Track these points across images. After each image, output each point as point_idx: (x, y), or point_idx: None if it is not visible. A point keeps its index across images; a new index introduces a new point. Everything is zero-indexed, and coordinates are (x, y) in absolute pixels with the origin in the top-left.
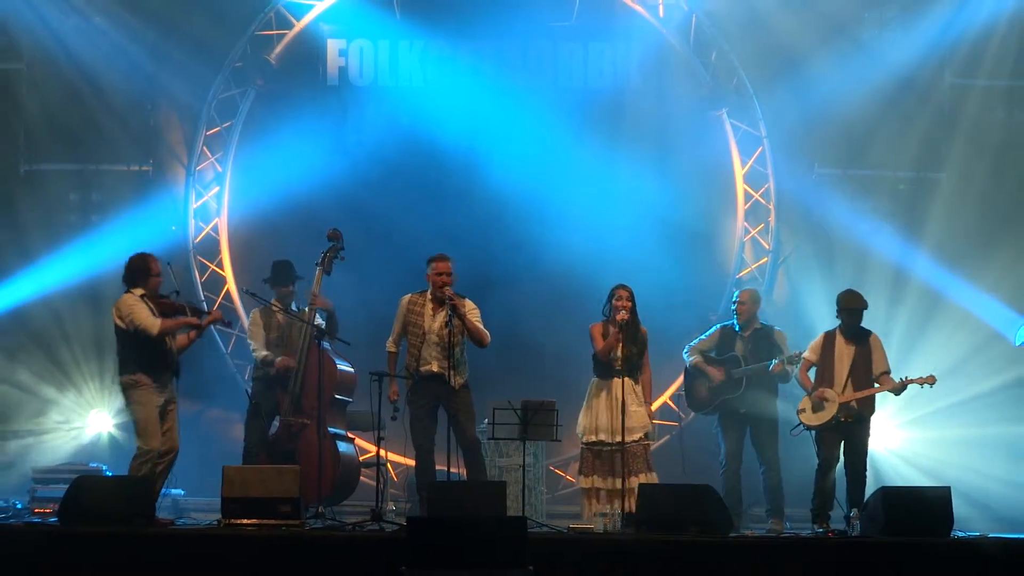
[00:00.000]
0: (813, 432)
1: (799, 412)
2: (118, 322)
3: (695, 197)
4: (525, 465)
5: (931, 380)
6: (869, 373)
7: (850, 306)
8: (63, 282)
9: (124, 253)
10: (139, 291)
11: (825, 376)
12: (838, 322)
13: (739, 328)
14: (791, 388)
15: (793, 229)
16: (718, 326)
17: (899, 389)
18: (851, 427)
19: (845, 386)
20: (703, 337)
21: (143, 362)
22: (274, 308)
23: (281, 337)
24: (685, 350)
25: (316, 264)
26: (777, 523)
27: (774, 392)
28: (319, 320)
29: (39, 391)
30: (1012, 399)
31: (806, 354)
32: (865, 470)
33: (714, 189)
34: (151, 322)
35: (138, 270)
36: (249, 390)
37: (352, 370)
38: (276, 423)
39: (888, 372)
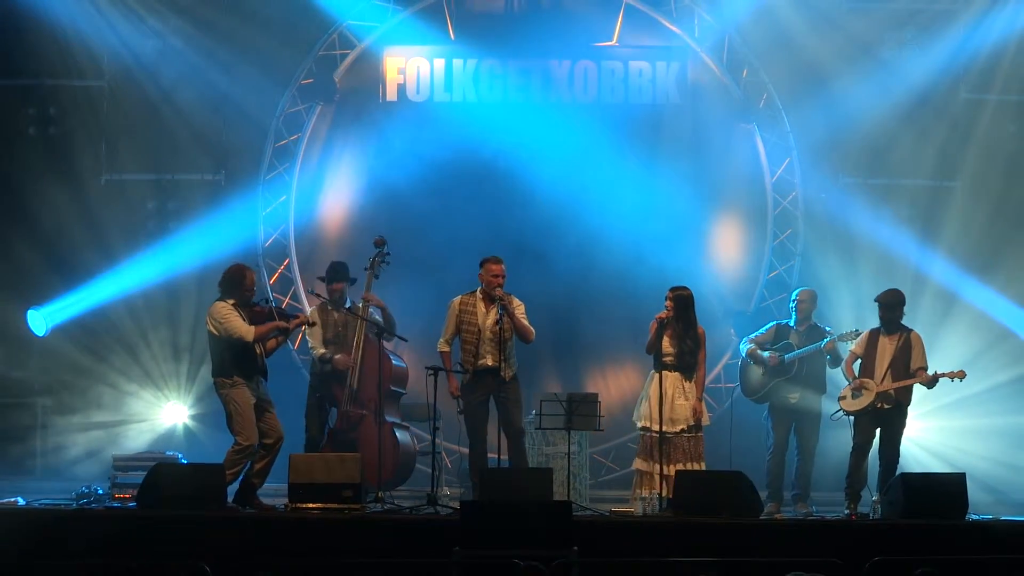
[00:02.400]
0: (851, 417)
1: (840, 399)
2: (212, 329)
3: (728, 204)
4: (570, 453)
5: (961, 375)
6: (907, 367)
7: (881, 301)
8: (142, 284)
9: (199, 257)
10: (231, 300)
11: (867, 369)
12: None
13: (793, 324)
14: (834, 388)
15: (819, 234)
16: (773, 323)
17: (931, 382)
18: (887, 415)
19: (884, 377)
20: (760, 332)
21: (237, 365)
22: (329, 307)
23: (338, 335)
24: (742, 341)
25: (365, 269)
26: (803, 506)
27: (821, 390)
28: (376, 317)
29: (120, 385)
30: (1022, 391)
31: (852, 347)
32: (897, 457)
33: (745, 196)
34: (246, 330)
35: (234, 281)
36: (308, 385)
37: (404, 364)
38: (334, 414)
39: (925, 368)
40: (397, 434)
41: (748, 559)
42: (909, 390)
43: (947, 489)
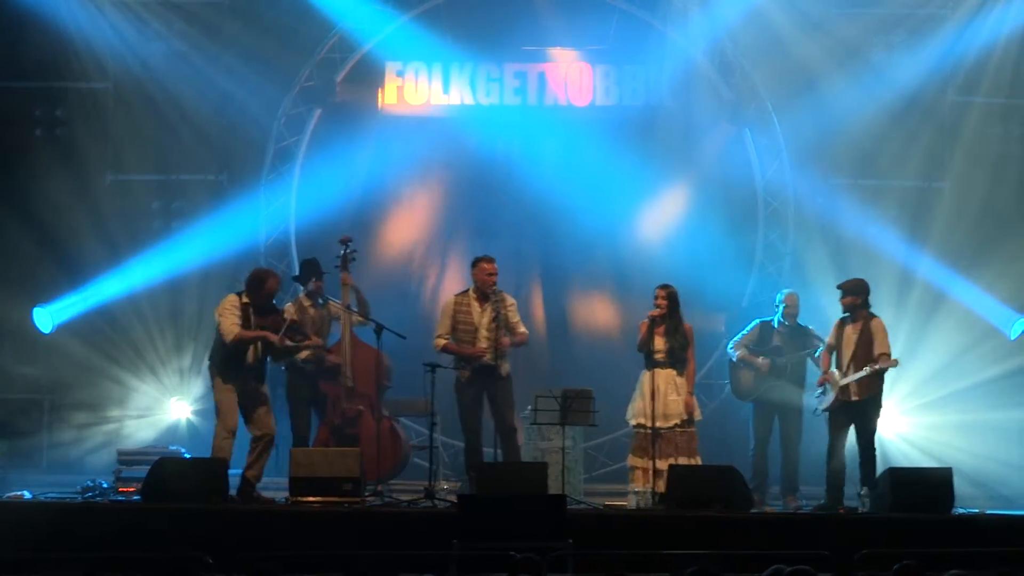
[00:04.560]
0: (826, 414)
1: (816, 396)
2: (216, 316)
3: (719, 204)
4: (564, 448)
5: (893, 363)
6: (870, 356)
7: (841, 288)
8: (147, 282)
9: (202, 256)
10: (245, 298)
11: (838, 360)
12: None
13: (777, 324)
14: (813, 380)
15: (808, 233)
16: (757, 322)
17: (875, 374)
18: (858, 407)
19: (848, 369)
20: (745, 332)
21: (224, 356)
22: (307, 304)
23: (318, 332)
24: (729, 346)
25: (336, 267)
26: (792, 500)
27: (802, 385)
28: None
29: (125, 381)
30: (1008, 388)
31: (828, 339)
32: (872, 449)
33: (737, 197)
34: (228, 330)
35: (252, 284)
36: (287, 384)
37: (388, 361)
38: (324, 410)
39: (887, 353)
40: (396, 428)
41: (738, 551)
42: (872, 383)
43: (934, 483)
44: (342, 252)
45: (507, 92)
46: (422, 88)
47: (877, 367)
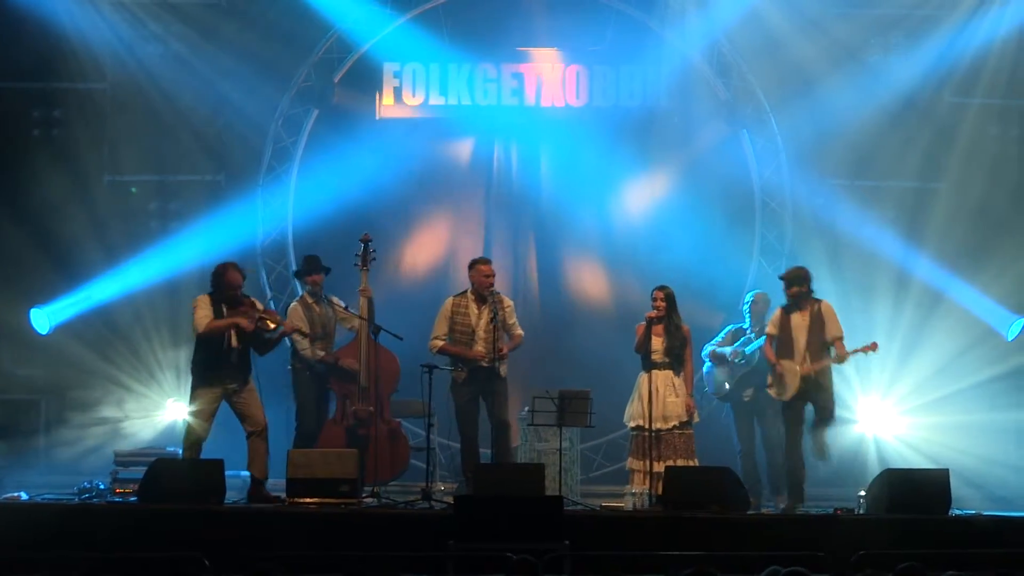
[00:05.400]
0: (781, 405)
1: (768, 387)
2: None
3: (717, 204)
4: (562, 449)
5: (873, 347)
6: (824, 340)
7: (783, 278)
8: (144, 283)
9: (199, 256)
10: (213, 294)
11: (786, 349)
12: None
13: (748, 327)
14: None
15: (806, 234)
16: (730, 327)
17: (843, 359)
18: (812, 392)
19: (804, 357)
20: (719, 338)
21: (198, 357)
22: (311, 301)
23: (324, 331)
24: (704, 348)
25: (355, 265)
26: (782, 500)
27: None
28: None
29: (122, 381)
30: (1005, 389)
31: (768, 328)
32: (831, 416)
33: (734, 198)
34: (197, 321)
35: (214, 277)
36: (294, 381)
37: (398, 363)
38: (330, 409)
39: (841, 337)
40: (403, 431)
41: (735, 553)
42: (827, 368)
43: (931, 485)
44: (362, 250)
45: (504, 93)
46: (420, 88)
47: (857, 350)
